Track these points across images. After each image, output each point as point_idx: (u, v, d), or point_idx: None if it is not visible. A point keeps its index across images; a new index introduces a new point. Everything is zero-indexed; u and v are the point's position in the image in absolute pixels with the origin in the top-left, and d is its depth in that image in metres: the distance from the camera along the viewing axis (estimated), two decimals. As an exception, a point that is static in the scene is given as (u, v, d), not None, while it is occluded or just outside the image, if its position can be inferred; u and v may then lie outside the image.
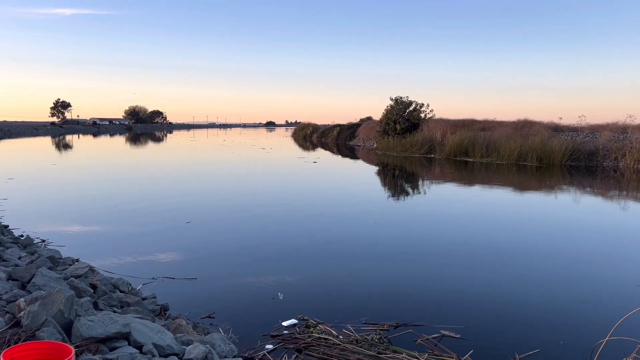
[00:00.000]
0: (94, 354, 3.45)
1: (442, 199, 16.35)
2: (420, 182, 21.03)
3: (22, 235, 8.84)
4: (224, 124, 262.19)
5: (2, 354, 2.39)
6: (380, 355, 4.83)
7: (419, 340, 5.38)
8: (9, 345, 3.13)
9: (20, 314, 3.82)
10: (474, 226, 11.59)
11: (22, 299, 4.05)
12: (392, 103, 41.30)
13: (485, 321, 5.97)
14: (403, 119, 39.65)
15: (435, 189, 18.61)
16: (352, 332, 5.51)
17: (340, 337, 5.34)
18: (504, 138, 30.66)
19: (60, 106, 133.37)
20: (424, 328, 5.69)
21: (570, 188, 19.14)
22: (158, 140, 66.76)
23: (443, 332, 5.58)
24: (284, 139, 70.59)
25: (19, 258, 6.44)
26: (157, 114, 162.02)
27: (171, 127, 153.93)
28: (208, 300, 6.53)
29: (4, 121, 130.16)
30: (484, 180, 21.76)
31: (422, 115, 40.36)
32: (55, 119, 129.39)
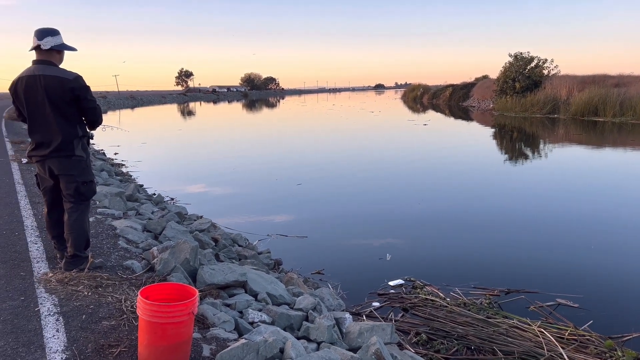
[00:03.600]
0: (215, 299, 3.81)
1: (565, 163, 15.15)
2: (541, 145, 19.62)
3: (154, 194, 9.83)
4: (333, 89, 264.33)
5: (140, 290, 2.75)
6: (489, 320, 4.73)
7: (532, 307, 5.16)
8: (145, 285, 3.58)
9: (154, 261, 4.31)
10: (599, 193, 10.64)
11: (155, 248, 4.56)
12: (511, 59, 38.57)
13: (608, 292, 5.55)
14: (523, 76, 36.90)
15: (558, 153, 17.25)
16: (460, 296, 5.44)
17: (448, 299, 5.31)
18: (643, 94, 27.28)
19: (184, 75, 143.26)
20: (538, 295, 5.43)
21: None
22: (272, 106, 69.27)
23: (559, 300, 5.29)
24: (392, 102, 69.49)
25: (152, 213, 7.19)
26: (271, 80, 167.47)
27: (283, 93, 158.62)
28: (318, 257, 6.82)
29: (137, 91, 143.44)
30: (616, 142, 19.70)
31: (545, 71, 37.21)
32: (180, 88, 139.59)
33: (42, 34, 3.70)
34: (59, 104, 3.73)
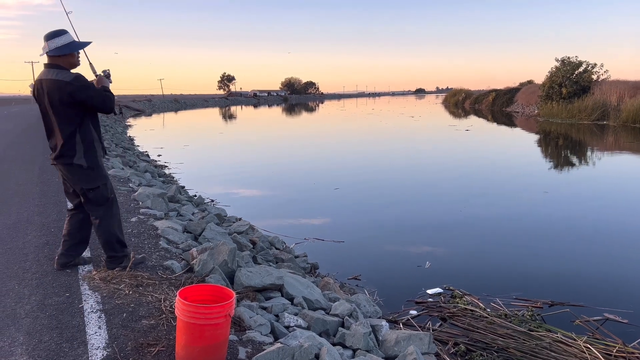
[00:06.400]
0: (252, 301, 3.83)
1: (616, 172, 14.53)
2: (589, 153, 18.90)
3: (195, 195, 10.02)
4: (372, 93, 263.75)
5: (178, 291, 2.79)
6: (532, 333, 4.56)
7: (577, 321, 4.95)
8: (184, 286, 3.64)
9: (193, 261, 4.37)
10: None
11: (194, 249, 4.62)
12: (557, 64, 37.42)
13: (661, 308, 5.26)
14: (570, 81, 35.68)
15: (608, 161, 16.57)
16: (501, 307, 5.28)
17: (488, 310, 5.16)
18: (701, 101, 25.88)
19: (226, 80, 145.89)
20: (583, 309, 5.21)
21: None
22: (311, 110, 69.59)
23: (607, 315, 5.05)
24: (433, 107, 68.57)
25: (193, 214, 7.32)
26: (310, 84, 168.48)
27: (323, 98, 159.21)
28: (355, 262, 6.76)
29: (181, 94, 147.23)
30: (670, 150, 18.75)
31: (594, 76, 35.86)
32: (222, 92, 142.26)
33: (46, 38, 3.66)
34: (59, 108, 3.66)
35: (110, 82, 4.08)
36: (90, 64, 4.12)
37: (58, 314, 3.33)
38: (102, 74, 4.07)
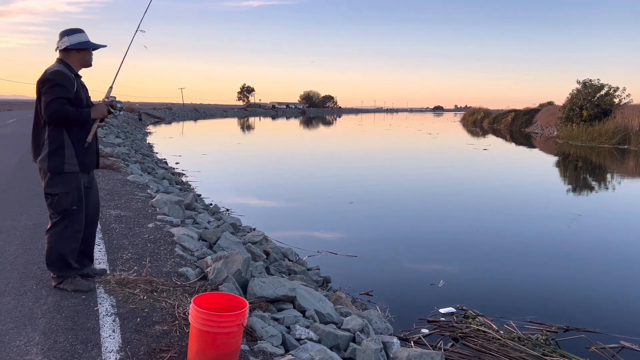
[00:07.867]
0: (264, 312, 3.84)
1: (634, 198, 14.29)
2: (609, 177, 18.62)
3: (211, 204, 10.09)
4: (390, 109, 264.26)
5: (192, 299, 2.82)
6: (545, 357, 4.49)
7: (592, 347, 4.86)
8: (198, 293, 3.67)
9: (207, 269, 4.41)
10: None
11: (209, 257, 4.66)
12: (578, 87, 37.08)
13: (680, 339, 5.14)
14: (591, 104, 35.31)
15: (629, 185, 16.31)
16: (515, 329, 5.21)
17: (501, 332, 5.09)
18: None
19: (246, 91, 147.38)
20: (599, 336, 5.11)
21: None
22: (328, 123, 69.82)
23: (623, 343, 4.95)
24: (451, 125, 68.30)
25: (208, 222, 7.37)
26: (329, 98, 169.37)
27: (340, 112, 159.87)
28: (367, 277, 6.74)
29: (201, 104, 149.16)
30: (693, 177, 18.39)
31: (616, 100, 35.45)
32: (241, 102, 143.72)
33: (59, 35, 3.57)
34: (37, 104, 3.49)
35: (113, 115, 3.81)
36: (111, 87, 3.88)
37: (74, 315, 3.38)
38: (113, 100, 3.79)
